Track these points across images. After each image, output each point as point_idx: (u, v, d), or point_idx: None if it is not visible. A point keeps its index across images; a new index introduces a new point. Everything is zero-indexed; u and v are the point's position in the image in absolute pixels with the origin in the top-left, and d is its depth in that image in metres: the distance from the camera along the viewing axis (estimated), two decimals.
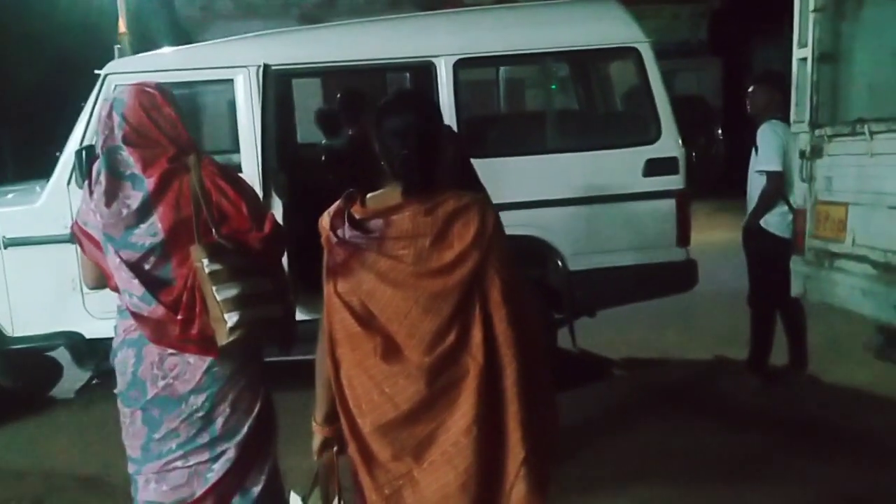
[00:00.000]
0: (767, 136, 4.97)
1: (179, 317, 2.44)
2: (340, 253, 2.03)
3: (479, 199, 2.10)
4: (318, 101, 11.99)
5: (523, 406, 1.99)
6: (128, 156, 2.46)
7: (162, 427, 2.52)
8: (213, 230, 2.45)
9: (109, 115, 2.51)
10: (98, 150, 2.52)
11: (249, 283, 2.48)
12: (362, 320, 2.01)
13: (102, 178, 2.45)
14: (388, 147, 2.03)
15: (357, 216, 2.04)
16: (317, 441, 2.23)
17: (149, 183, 2.44)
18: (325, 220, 2.09)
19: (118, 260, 2.44)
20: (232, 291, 2.42)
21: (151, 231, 2.45)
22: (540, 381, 2.09)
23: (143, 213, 2.44)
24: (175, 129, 2.55)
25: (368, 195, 2.09)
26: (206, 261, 2.41)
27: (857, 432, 4.43)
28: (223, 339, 2.43)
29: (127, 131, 2.48)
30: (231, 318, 2.41)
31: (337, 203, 2.09)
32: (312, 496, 2.30)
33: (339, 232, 2.04)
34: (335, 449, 2.21)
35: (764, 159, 4.99)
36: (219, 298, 2.40)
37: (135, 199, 2.43)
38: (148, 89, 2.58)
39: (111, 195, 2.43)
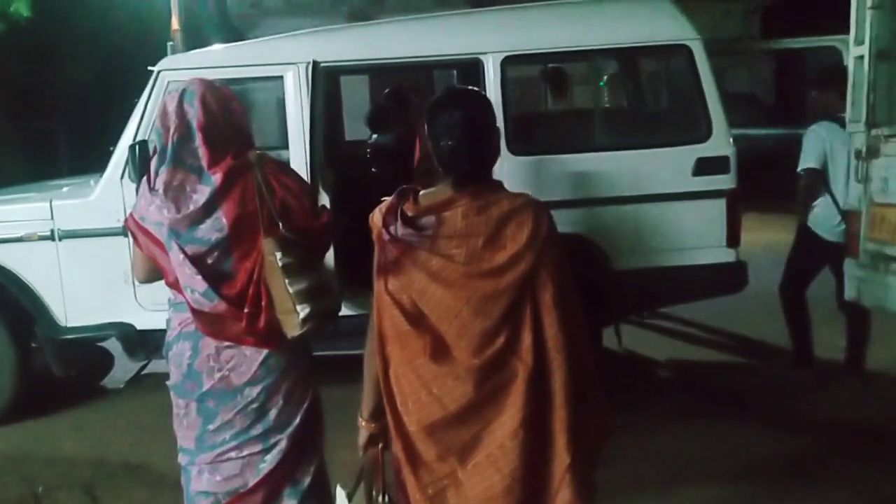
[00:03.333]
0: (808, 138, 5.04)
1: (246, 310, 2.47)
2: (392, 250, 2.03)
3: (534, 200, 2.08)
4: (366, 98, 12.04)
5: (571, 411, 1.98)
6: (198, 146, 2.48)
7: (217, 418, 2.55)
8: (280, 224, 2.48)
9: (181, 105, 2.50)
10: (163, 144, 2.51)
11: (315, 276, 2.52)
12: (412, 319, 2.00)
13: (167, 173, 2.47)
14: (437, 141, 2.02)
15: (410, 213, 2.03)
16: (363, 436, 2.23)
17: (215, 179, 2.46)
18: (376, 217, 2.09)
19: (182, 256, 2.46)
20: (303, 284, 2.45)
21: (217, 226, 2.47)
22: (589, 386, 2.07)
23: (208, 208, 2.46)
24: (243, 126, 2.60)
25: (421, 192, 2.08)
26: (279, 254, 2.44)
27: None
28: (294, 331, 2.47)
29: (202, 122, 2.49)
30: (303, 311, 2.44)
31: (389, 199, 2.08)
32: (357, 491, 2.31)
33: (392, 229, 2.03)
34: (380, 445, 2.21)
35: (801, 160, 5.05)
36: (291, 290, 2.43)
37: (202, 193, 2.45)
38: (216, 84, 2.61)
39: (178, 189, 2.46)
